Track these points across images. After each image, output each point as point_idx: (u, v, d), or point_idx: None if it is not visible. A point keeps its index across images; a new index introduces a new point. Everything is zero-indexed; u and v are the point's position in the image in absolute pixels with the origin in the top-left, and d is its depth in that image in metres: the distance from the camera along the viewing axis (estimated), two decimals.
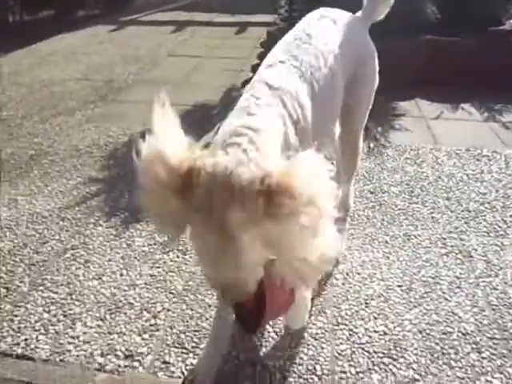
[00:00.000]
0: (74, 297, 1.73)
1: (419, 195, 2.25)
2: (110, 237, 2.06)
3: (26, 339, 1.55)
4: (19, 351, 1.50)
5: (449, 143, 2.72)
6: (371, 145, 2.74)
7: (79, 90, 3.81)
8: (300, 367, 1.41)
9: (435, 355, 1.43)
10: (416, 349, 1.45)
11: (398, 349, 1.45)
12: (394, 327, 1.53)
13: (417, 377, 1.36)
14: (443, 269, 1.78)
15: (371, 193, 2.29)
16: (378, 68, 1.72)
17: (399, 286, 1.70)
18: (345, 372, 1.39)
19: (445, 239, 1.94)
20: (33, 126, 3.17)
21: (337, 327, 1.54)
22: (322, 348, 1.47)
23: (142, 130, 3.07)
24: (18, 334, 1.57)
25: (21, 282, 1.81)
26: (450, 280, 1.72)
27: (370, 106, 1.74)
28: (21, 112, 3.38)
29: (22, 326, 1.60)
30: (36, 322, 1.62)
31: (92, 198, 2.36)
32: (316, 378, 1.37)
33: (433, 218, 2.09)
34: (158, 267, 1.86)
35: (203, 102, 3.45)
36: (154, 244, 2.01)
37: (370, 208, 2.17)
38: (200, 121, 3.14)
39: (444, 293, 1.66)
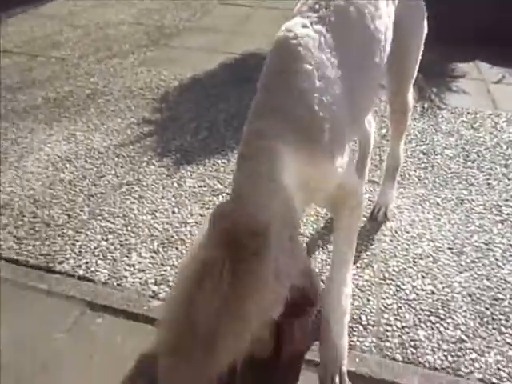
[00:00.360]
0: (129, 228, 1.74)
1: (475, 160, 2.07)
2: (162, 176, 2.04)
3: (86, 262, 1.58)
4: (81, 273, 1.54)
5: (509, 109, 2.46)
6: (425, 105, 2.53)
7: (132, 33, 3.69)
8: None
9: (485, 319, 1.35)
10: (465, 311, 1.37)
11: (446, 309, 1.38)
12: (443, 288, 1.45)
13: (464, 338, 1.29)
14: (497, 236, 1.65)
15: (424, 154, 2.13)
16: (425, 13, 1.49)
17: (449, 249, 1.60)
18: (390, 325, 1.34)
19: (500, 207, 1.79)
20: (89, 66, 3.12)
21: (383, 282, 1.48)
22: (368, 300, 1.41)
23: (193, 75, 2.99)
24: (80, 258, 1.60)
25: (81, 210, 1.84)
26: (504, 248, 1.60)
27: (419, 61, 1.54)
28: (77, 52, 3.32)
29: (83, 250, 1.63)
30: (95, 248, 1.65)
31: (145, 138, 2.32)
32: (361, 328, 1.33)
33: (488, 184, 1.92)
34: (208, 208, 1.83)
35: (253, 51, 3.27)
36: (204, 186, 1.97)
37: (421, 169, 2.03)
38: (250, 70, 3.00)
39: (497, 260, 1.55)
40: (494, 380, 1.18)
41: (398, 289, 1.45)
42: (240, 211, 0.92)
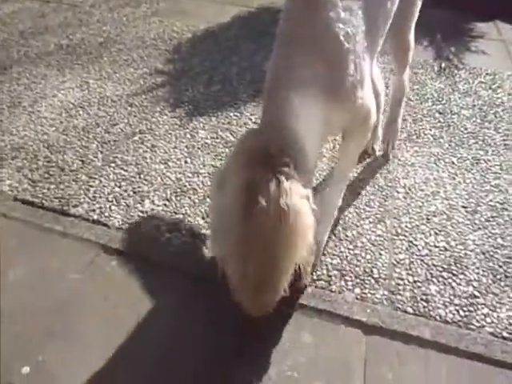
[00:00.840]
0: (142, 176, 1.63)
1: (492, 121, 1.91)
2: (174, 126, 1.90)
3: (100, 207, 1.49)
4: (95, 217, 1.45)
5: None
6: (443, 65, 2.32)
7: None
8: (357, 268, 1.29)
9: (498, 277, 1.26)
10: (478, 268, 1.29)
11: (459, 265, 1.29)
12: (456, 245, 1.36)
13: (476, 294, 1.22)
14: None
15: (440, 113, 1.96)
16: None
17: (464, 207, 1.49)
18: (402, 279, 1.26)
19: None
20: (101, 14, 2.87)
21: (396, 237, 1.39)
22: (380, 254, 1.33)
23: (206, 27, 2.76)
24: (94, 202, 1.51)
25: (94, 157, 1.72)
26: None
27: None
28: (90, 0, 3.06)
29: (97, 196, 1.54)
30: (109, 194, 1.55)
31: (157, 88, 2.16)
32: (373, 281, 1.25)
33: (505, 145, 1.77)
34: (221, 159, 1.71)
35: (267, 5, 3.00)
36: (217, 138, 1.84)
37: (437, 128, 1.87)
38: (263, 24, 2.76)
39: None
40: (505, 334, 1.12)
41: (411, 244, 1.36)
42: (269, 134, 0.92)
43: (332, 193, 1.30)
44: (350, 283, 1.24)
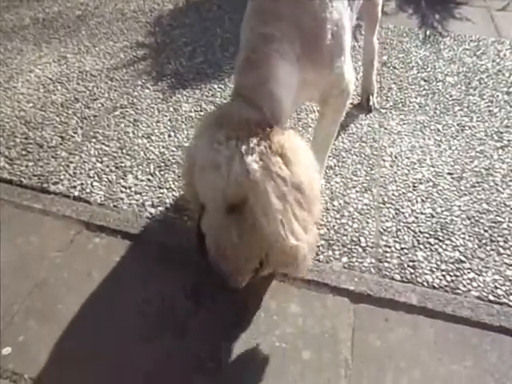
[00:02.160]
0: (124, 151, 1.51)
1: (477, 87, 1.81)
2: (157, 100, 1.76)
3: (81, 184, 1.37)
4: (76, 194, 1.33)
5: None
6: (427, 32, 2.19)
7: None
8: (344, 237, 1.21)
9: (483, 241, 1.20)
10: (463, 233, 1.22)
11: (445, 231, 1.23)
12: (442, 211, 1.29)
13: (463, 258, 1.16)
14: (497, 161, 1.46)
15: (425, 81, 1.85)
16: None
17: (449, 174, 1.42)
18: (389, 247, 1.19)
19: (501, 133, 1.58)
20: None
21: (383, 205, 1.31)
22: (367, 223, 1.25)
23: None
24: (74, 179, 1.39)
25: (74, 133, 1.58)
26: (504, 173, 1.41)
27: None
28: None
29: (78, 172, 1.41)
30: (90, 170, 1.43)
31: (139, 61, 1.99)
32: (360, 249, 1.18)
33: (490, 111, 1.69)
34: None
35: None
36: (201, 111, 1.71)
37: (422, 96, 1.77)
38: None
39: (497, 184, 1.37)
40: (491, 297, 1.07)
41: (398, 212, 1.29)
42: (240, 107, 0.87)
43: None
44: (337, 252, 1.17)
